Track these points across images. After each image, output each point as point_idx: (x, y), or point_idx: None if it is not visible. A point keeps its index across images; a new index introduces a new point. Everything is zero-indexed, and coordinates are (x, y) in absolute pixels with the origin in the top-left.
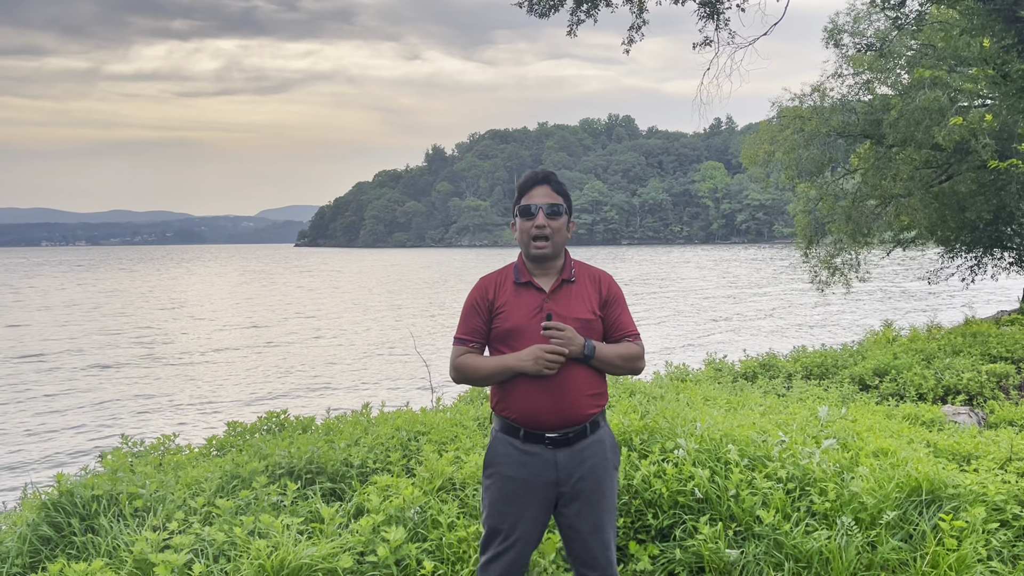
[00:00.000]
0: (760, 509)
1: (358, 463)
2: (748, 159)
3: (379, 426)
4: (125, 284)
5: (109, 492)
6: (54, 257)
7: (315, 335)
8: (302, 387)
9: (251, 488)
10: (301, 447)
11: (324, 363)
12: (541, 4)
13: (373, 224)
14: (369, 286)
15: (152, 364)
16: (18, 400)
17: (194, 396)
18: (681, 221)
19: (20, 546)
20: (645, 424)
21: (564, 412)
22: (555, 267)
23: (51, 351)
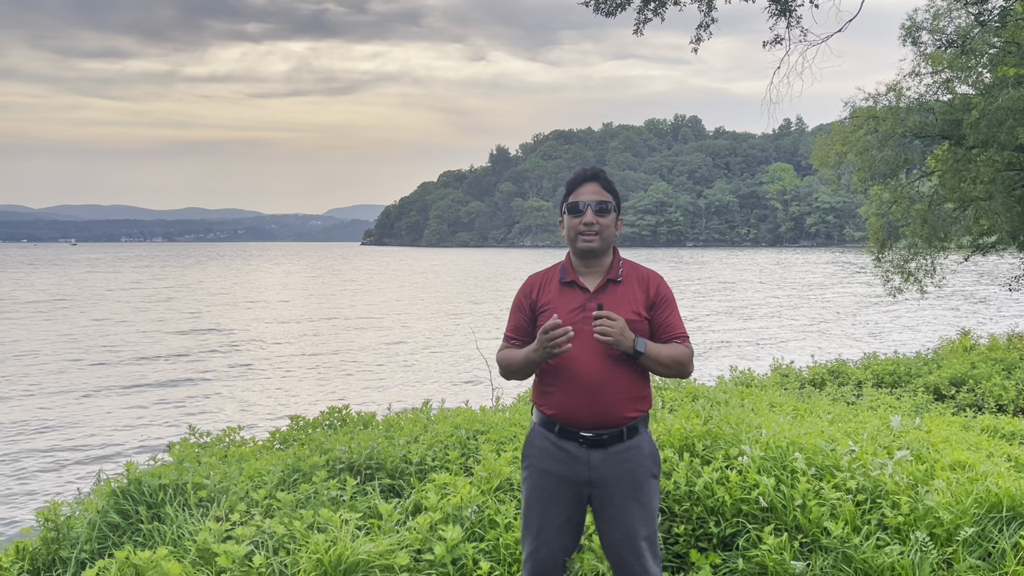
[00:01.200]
0: (828, 520)
1: (417, 460)
2: (819, 160)
3: (438, 424)
4: (199, 279)
5: (175, 482)
6: (133, 252)
7: (378, 332)
8: (364, 383)
9: (311, 482)
10: (361, 443)
11: (386, 359)
12: (607, 3)
13: (437, 224)
14: (433, 285)
15: (223, 357)
16: (96, 389)
17: (260, 389)
18: (748, 223)
19: (90, 532)
20: (708, 430)
21: (600, 412)
22: (602, 266)
23: (129, 343)
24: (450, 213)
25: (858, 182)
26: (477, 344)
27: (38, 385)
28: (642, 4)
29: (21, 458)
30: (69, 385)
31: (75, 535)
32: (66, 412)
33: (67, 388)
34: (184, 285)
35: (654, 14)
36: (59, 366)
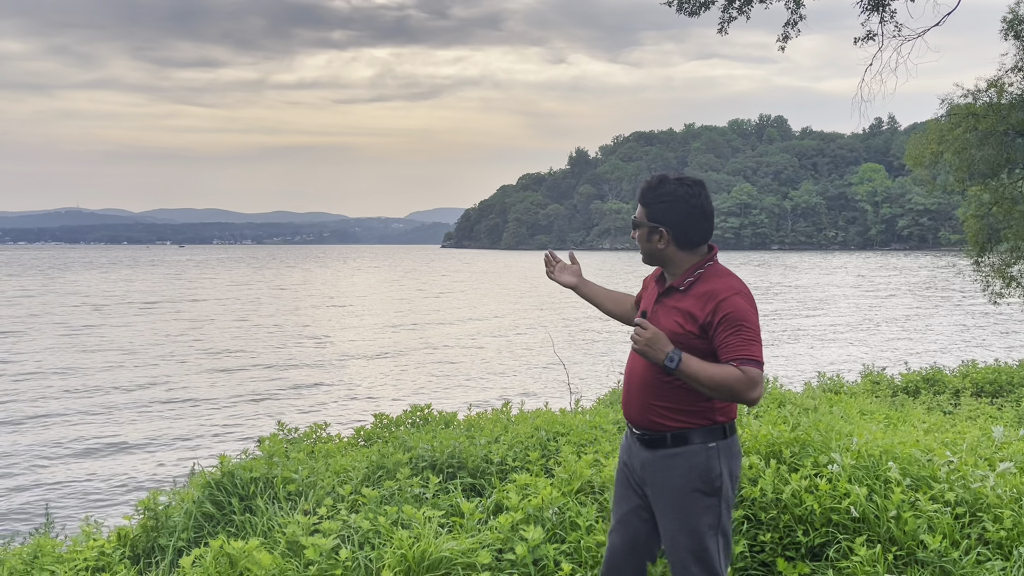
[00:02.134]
0: (925, 533)
1: (498, 460)
2: (913, 160)
3: (518, 425)
4: (294, 281)
5: (266, 475)
6: (225, 254)
7: (458, 332)
8: (443, 382)
9: (395, 479)
10: (443, 441)
11: (465, 359)
12: (691, 3)
13: (516, 226)
14: (511, 287)
15: (310, 355)
16: (193, 384)
17: (344, 387)
18: (836, 226)
19: (186, 521)
20: (796, 436)
21: (640, 413)
22: (676, 272)
23: (223, 341)
24: (529, 216)
25: (955, 183)
26: (554, 347)
27: (139, 379)
28: (727, 3)
29: (120, 448)
30: (166, 380)
31: (172, 524)
32: (164, 406)
33: (165, 383)
34: (281, 287)
35: (739, 12)
36: (158, 361)
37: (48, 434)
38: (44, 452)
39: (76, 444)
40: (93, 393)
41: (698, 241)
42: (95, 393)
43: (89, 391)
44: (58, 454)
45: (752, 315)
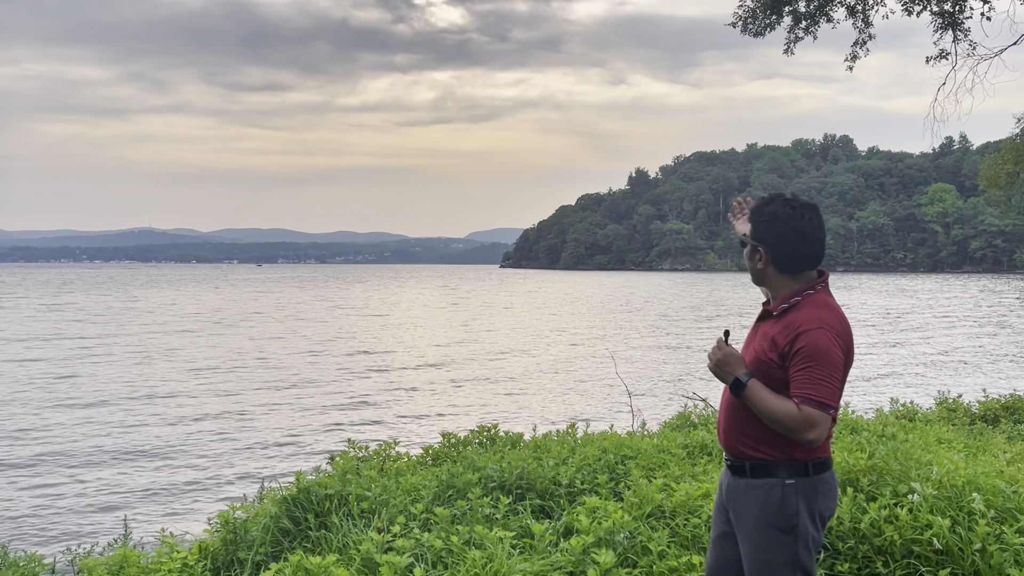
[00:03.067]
0: (1012, 568)
1: (566, 482)
2: (987, 180)
3: (585, 447)
4: (352, 298)
5: (339, 492)
6: (290, 273)
7: (520, 351)
8: (506, 401)
9: (466, 499)
10: (512, 462)
11: (528, 378)
12: (756, 24)
13: (574, 246)
14: (572, 307)
15: (375, 373)
16: (258, 402)
17: (408, 404)
18: (904, 247)
19: (264, 536)
20: (873, 464)
21: (721, 437)
22: (775, 297)
23: (287, 357)
24: (588, 236)
25: None
26: (617, 369)
27: (214, 394)
28: (792, 23)
29: (194, 464)
30: (239, 396)
31: (251, 538)
32: (235, 422)
33: (237, 398)
34: (349, 306)
35: (805, 32)
36: (231, 377)
37: (120, 442)
38: (119, 461)
39: (149, 454)
40: (166, 405)
41: (800, 266)
42: (168, 405)
43: (162, 403)
44: (132, 464)
45: (832, 354)
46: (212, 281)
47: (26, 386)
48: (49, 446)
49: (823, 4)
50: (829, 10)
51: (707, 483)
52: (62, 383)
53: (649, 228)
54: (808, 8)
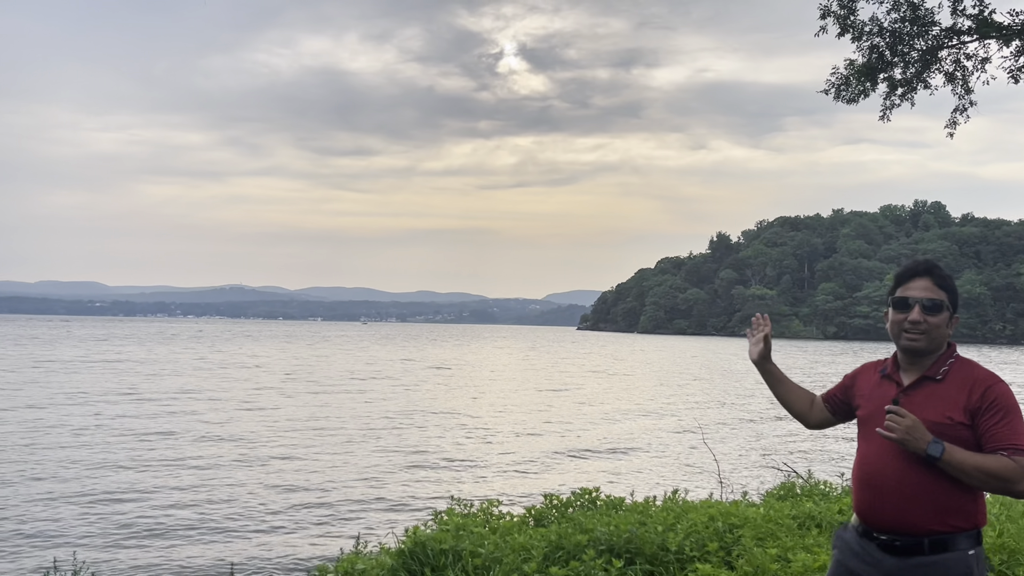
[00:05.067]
0: None
1: (674, 548)
2: None
3: (690, 513)
4: (439, 355)
5: (453, 548)
6: (372, 332)
7: (603, 414)
8: (593, 463)
9: (579, 560)
10: (620, 526)
11: (611, 443)
12: (849, 90)
13: (654, 310)
14: (655, 371)
15: (462, 430)
16: (348, 453)
17: (498, 462)
18: (1003, 318)
19: None
20: (1003, 543)
21: (892, 516)
22: (926, 363)
23: (377, 413)
24: (667, 300)
25: None
26: (703, 437)
27: (311, 448)
28: (888, 90)
29: (290, 516)
30: (335, 450)
31: None
32: (326, 475)
33: (333, 453)
34: (438, 363)
35: (902, 99)
36: (318, 429)
37: (221, 494)
38: (221, 518)
39: (247, 509)
40: (265, 461)
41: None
42: (267, 460)
43: (260, 458)
44: (232, 518)
45: (1017, 404)
46: (324, 337)
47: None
48: (141, 497)
49: (920, 71)
50: (927, 76)
51: (822, 555)
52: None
53: (731, 293)
54: (904, 75)
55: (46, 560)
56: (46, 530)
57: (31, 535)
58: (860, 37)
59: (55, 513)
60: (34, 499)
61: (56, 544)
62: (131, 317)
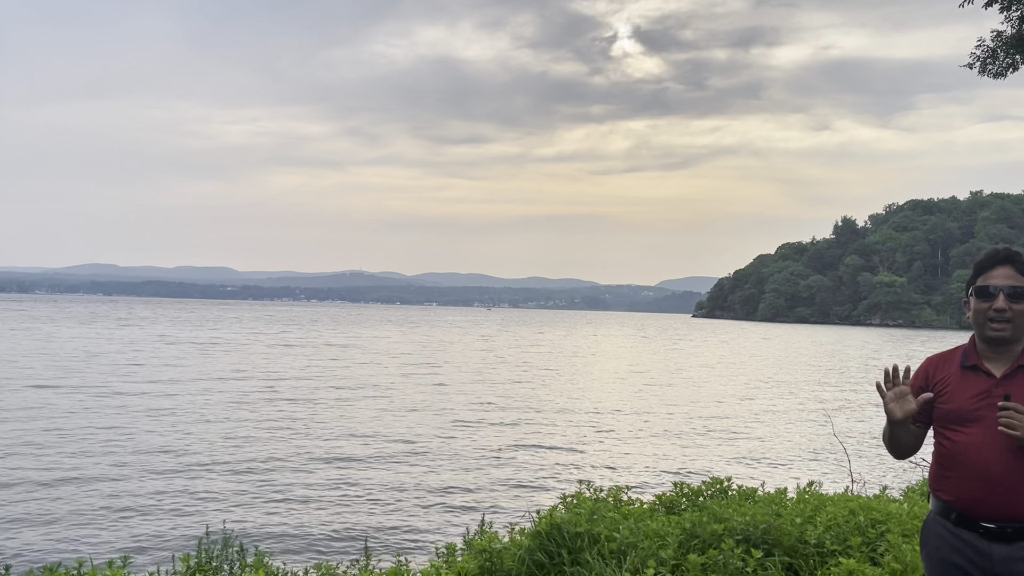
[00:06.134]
0: None
1: (814, 541)
2: None
3: (828, 506)
4: (557, 340)
5: (588, 531)
6: (495, 317)
7: (726, 403)
8: (715, 451)
9: (718, 549)
10: (757, 516)
11: (737, 431)
12: (996, 64)
13: (773, 297)
14: (779, 359)
15: (582, 415)
16: (483, 440)
17: (617, 448)
18: None
19: (519, 567)
20: None
21: (1002, 504)
22: (1012, 352)
23: (501, 399)
24: (788, 287)
25: None
26: (834, 430)
27: (436, 430)
28: None
29: (416, 496)
30: (452, 433)
31: (507, 567)
32: (449, 457)
33: (450, 436)
34: (555, 349)
35: None
36: (443, 412)
37: (353, 473)
38: (353, 490)
39: (380, 484)
40: (391, 440)
41: None
42: (394, 440)
43: (387, 438)
44: (363, 493)
45: None
46: (452, 323)
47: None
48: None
49: None
50: None
51: None
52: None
53: (857, 280)
54: None
55: (210, 524)
56: (209, 496)
57: (197, 498)
58: (1010, 7)
59: (210, 483)
60: (193, 467)
61: (210, 511)
62: (259, 301)
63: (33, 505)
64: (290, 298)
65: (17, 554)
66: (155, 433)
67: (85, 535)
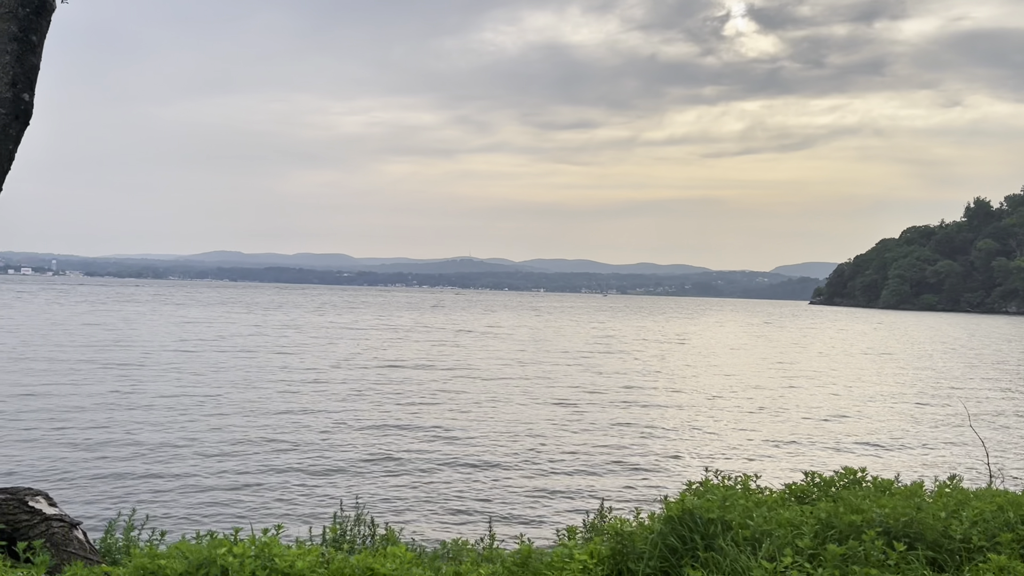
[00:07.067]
0: None
1: (959, 536)
2: None
3: (973, 501)
4: (670, 328)
5: (720, 517)
6: (609, 304)
7: (856, 394)
8: (845, 443)
9: (858, 540)
10: (897, 508)
11: (863, 423)
12: None
13: (897, 283)
14: (909, 349)
15: (703, 403)
16: (593, 422)
17: (741, 436)
18: None
19: (651, 550)
20: None
21: None
22: None
23: (612, 384)
24: (914, 272)
25: None
26: (971, 422)
27: (559, 418)
28: None
29: (539, 479)
30: (574, 418)
31: (640, 550)
32: (571, 440)
33: (573, 421)
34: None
35: None
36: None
37: (473, 454)
38: (473, 472)
39: (498, 466)
40: (509, 426)
41: None
42: (510, 428)
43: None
44: (482, 474)
45: None
46: (567, 307)
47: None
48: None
49: None
50: None
51: None
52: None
53: (991, 265)
54: None
55: (344, 499)
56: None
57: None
58: None
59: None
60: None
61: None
62: (374, 286)
63: (188, 478)
64: (403, 284)
65: (173, 518)
66: (320, 413)
67: (231, 502)
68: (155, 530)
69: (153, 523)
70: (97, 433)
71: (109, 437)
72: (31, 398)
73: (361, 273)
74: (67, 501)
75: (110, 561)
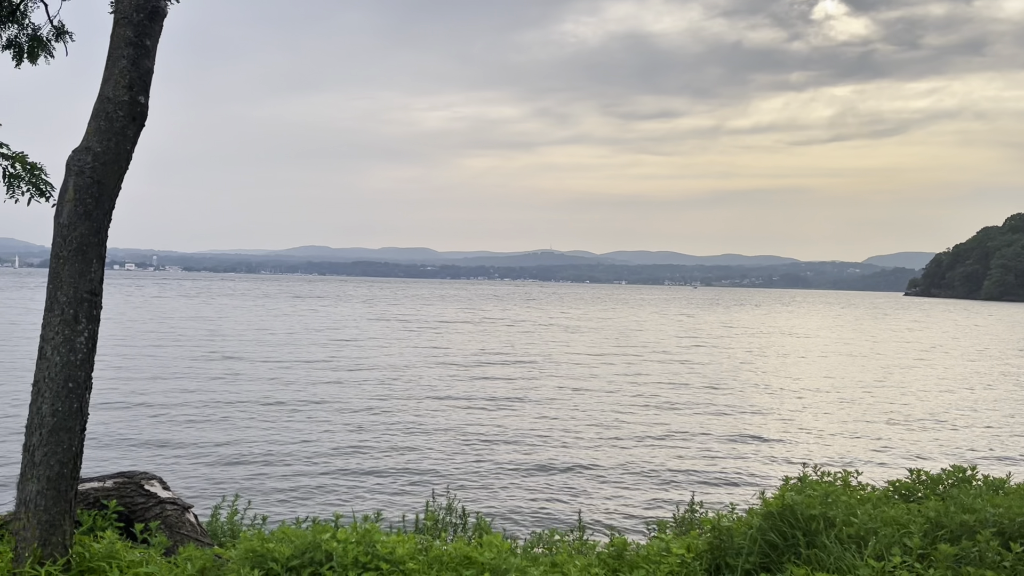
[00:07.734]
0: None
1: None
2: None
3: None
4: (764, 321)
5: (823, 514)
6: (700, 296)
7: (961, 394)
8: (933, 442)
9: (972, 540)
10: (1012, 508)
11: (963, 418)
12: None
13: (1001, 274)
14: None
15: (802, 397)
16: (679, 417)
17: (837, 431)
18: None
19: (751, 546)
20: None
21: None
22: None
23: (699, 380)
24: (1019, 262)
25: None
26: None
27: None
28: None
29: (622, 474)
30: (658, 417)
31: (739, 544)
32: (653, 436)
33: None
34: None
35: None
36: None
37: (562, 451)
38: (560, 466)
39: (585, 461)
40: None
41: None
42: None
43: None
44: (570, 468)
45: None
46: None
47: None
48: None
49: None
50: None
51: None
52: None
53: None
54: None
55: (436, 489)
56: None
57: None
58: None
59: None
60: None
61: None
62: (457, 280)
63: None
64: (485, 277)
65: (269, 501)
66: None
67: (327, 489)
68: (256, 515)
69: (255, 509)
70: (207, 423)
71: (216, 424)
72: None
73: (444, 266)
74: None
75: (217, 544)
